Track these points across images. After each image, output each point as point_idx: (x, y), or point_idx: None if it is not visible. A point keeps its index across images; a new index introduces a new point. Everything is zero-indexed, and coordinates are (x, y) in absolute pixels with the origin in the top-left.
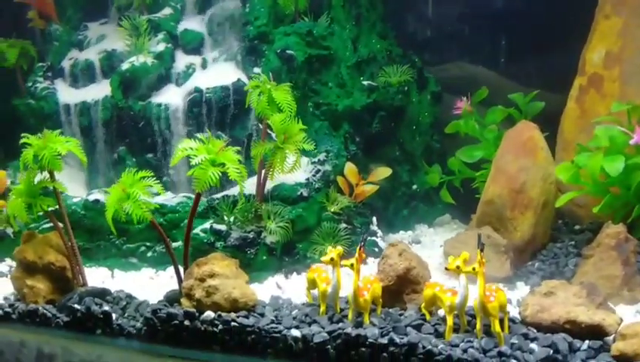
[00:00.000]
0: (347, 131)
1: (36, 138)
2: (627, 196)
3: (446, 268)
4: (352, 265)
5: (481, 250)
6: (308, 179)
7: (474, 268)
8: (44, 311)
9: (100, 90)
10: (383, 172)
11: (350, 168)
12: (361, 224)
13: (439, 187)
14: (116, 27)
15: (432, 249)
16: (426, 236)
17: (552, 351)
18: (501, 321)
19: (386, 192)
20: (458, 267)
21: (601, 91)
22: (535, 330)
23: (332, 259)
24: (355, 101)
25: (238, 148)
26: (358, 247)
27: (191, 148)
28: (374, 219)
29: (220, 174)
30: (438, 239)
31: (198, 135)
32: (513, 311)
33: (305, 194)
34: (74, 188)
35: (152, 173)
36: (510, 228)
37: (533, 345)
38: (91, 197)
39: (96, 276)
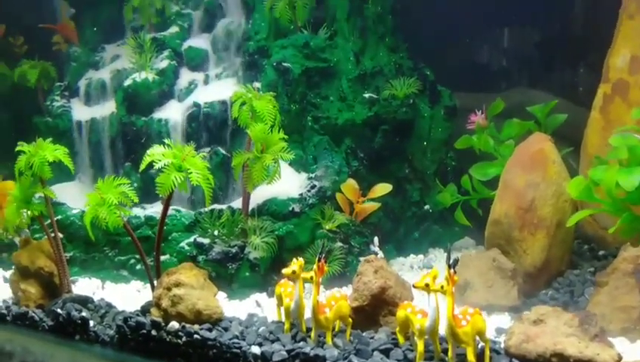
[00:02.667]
0: (349, 146)
1: (30, 146)
2: None
3: (413, 286)
4: (311, 278)
5: (452, 267)
6: (302, 194)
7: (442, 287)
8: (33, 314)
9: (109, 108)
10: (382, 188)
11: (348, 184)
12: (360, 244)
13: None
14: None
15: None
16: (439, 261)
17: None
18: (482, 351)
19: (395, 213)
20: (427, 285)
21: (627, 99)
22: None
23: (294, 272)
24: (357, 115)
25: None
26: (317, 259)
27: (157, 154)
28: (376, 239)
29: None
30: None
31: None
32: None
33: (297, 209)
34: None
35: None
36: (520, 251)
37: None
38: None
39: (88, 287)
